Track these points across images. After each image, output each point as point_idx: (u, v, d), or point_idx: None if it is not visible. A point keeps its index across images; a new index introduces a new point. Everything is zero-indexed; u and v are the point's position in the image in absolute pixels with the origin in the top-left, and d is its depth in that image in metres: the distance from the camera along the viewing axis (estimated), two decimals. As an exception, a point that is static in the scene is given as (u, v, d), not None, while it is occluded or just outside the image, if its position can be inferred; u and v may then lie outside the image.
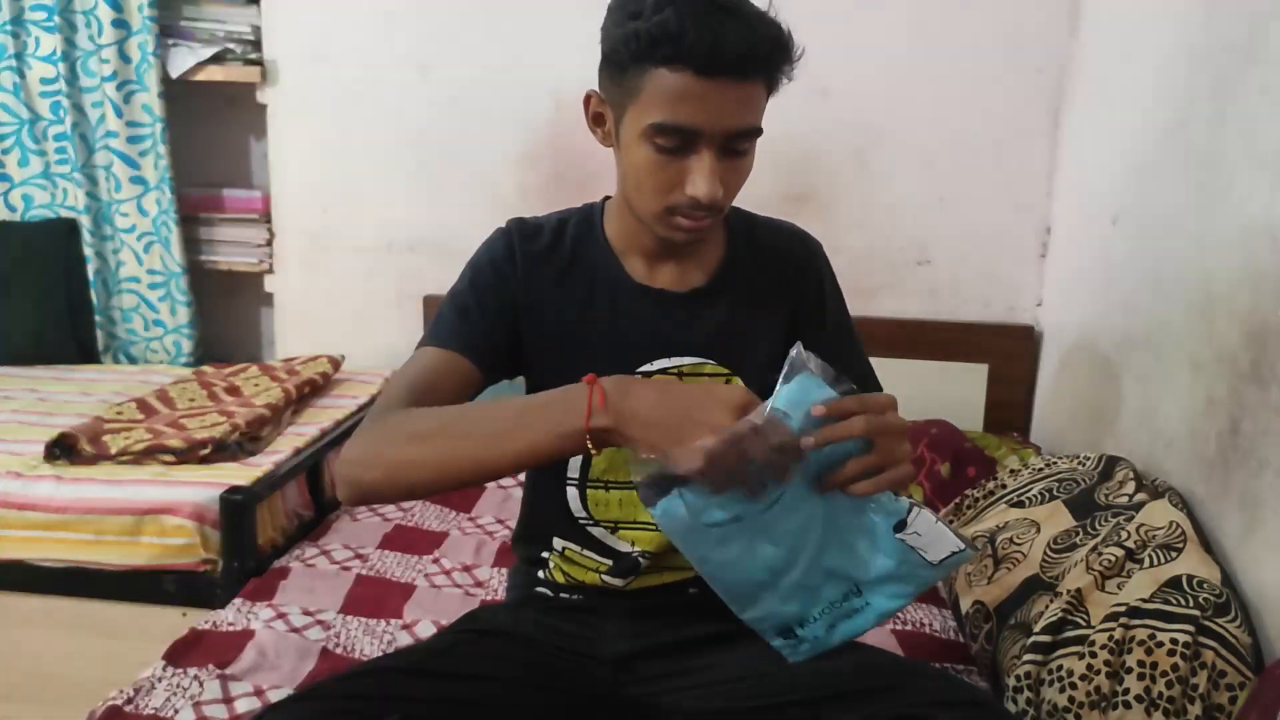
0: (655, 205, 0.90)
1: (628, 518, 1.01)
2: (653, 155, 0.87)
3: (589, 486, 1.01)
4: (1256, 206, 1.17)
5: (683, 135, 0.85)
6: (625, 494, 1.01)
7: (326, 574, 1.48)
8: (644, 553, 1.01)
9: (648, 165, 0.88)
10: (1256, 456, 1.11)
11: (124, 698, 1.12)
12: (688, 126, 0.84)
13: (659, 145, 0.86)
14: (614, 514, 1.01)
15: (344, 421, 1.92)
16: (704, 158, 0.86)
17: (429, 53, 2.21)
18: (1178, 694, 0.96)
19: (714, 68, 0.82)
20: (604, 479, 1.01)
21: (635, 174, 0.90)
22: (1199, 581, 1.05)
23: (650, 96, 0.84)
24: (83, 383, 2.14)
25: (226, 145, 2.39)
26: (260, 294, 2.40)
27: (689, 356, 0.99)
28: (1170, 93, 1.48)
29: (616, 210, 1.01)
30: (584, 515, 1.02)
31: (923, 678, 0.90)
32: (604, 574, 1.02)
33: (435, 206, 2.27)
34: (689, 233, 0.92)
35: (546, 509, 1.04)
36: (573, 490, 1.01)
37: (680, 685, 0.98)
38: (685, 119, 0.84)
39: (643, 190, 0.90)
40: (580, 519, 1.02)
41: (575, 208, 1.05)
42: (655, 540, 1.00)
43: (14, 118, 2.25)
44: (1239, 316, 1.18)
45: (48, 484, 1.58)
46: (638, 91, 0.85)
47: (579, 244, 1.01)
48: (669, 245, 0.97)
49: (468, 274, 1.00)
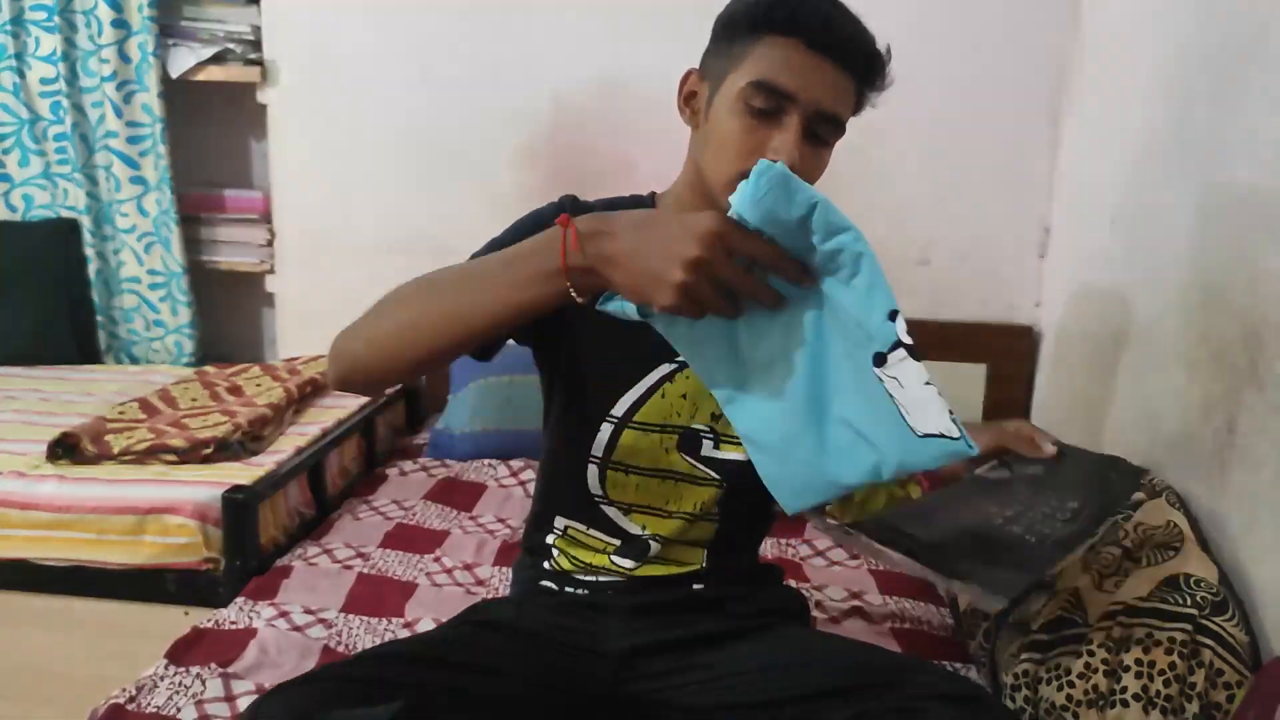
0: (732, 169, 0.90)
1: (642, 502, 1.02)
2: (743, 118, 0.89)
3: (610, 467, 1.02)
4: (1255, 206, 1.17)
5: (777, 98, 0.88)
6: (643, 479, 1.02)
7: (328, 573, 1.49)
8: (655, 535, 1.02)
9: (736, 129, 0.90)
10: (1254, 456, 1.11)
11: (126, 696, 1.12)
12: (784, 88, 0.88)
13: (752, 107, 0.89)
14: (630, 497, 1.02)
15: (345, 421, 1.92)
16: (790, 127, 0.89)
17: (429, 52, 2.21)
18: (1175, 692, 0.96)
19: (822, 42, 0.88)
20: (625, 462, 1.01)
21: (720, 138, 0.91)
22: (1196, 580, 1.06)
23: (756, 59, 0.89)
24: (85, 383, 2.15)
25: (227, 145, 2.39)
26: (261, 294, 2.41)
27: None
28: (1170, 93, 1.49)
29: (674, 198, 1.02)
30: (599, 493, 1.03)
31: (920, 673, 0.91)
32: (612, 554, 1.03)
33: (436, 206, 2.27)
34: None
35: (562, 486, 1.05)
36: (594, 468, 1.02)
37: (682, 681, 0.99)
38: (784, 81, 0.88)
39: (724, 154, 0.91)
40: (595, 496, 1.03)
41: (623, 196, 1.06)
42: (669, 526, 1.01)
43: (14, 118, 2.25)
44: (1237, 316, 1.18)
45: (50, 484, 1.58)
46: (744, 56, 0.89)
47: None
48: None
49: (510, 229, 0.99)
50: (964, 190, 2.13)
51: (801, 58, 0.88)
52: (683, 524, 1.02)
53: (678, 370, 1.00)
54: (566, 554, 1.06)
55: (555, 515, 1.06)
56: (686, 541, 1.04)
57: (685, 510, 1.02)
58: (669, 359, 0.99)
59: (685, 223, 0.72)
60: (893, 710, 0.83)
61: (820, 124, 0.90)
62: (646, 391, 1.00)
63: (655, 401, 1.00)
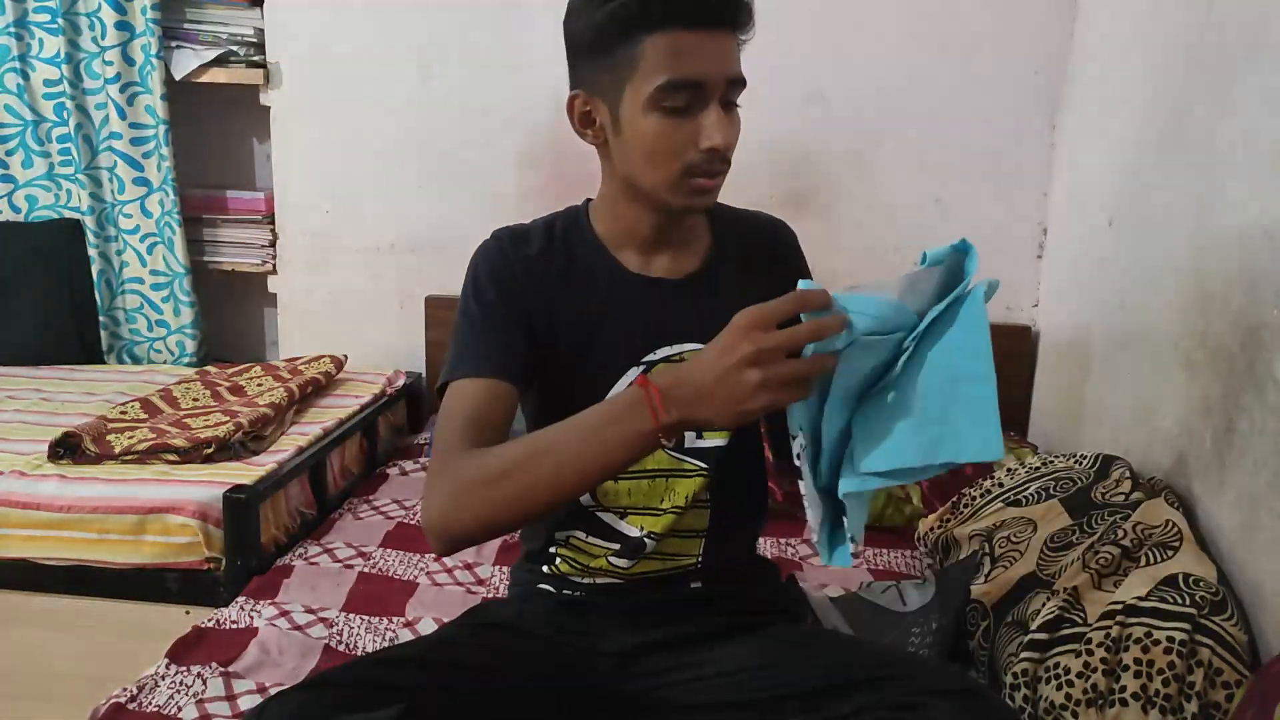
0: (672, 171, 0.91)
1: (636, 504, 1.02)
2: (662, 120, 0.89)
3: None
4: (1253, 207, 1.17)
5: (690, 90, 0.88)
6: (634, 483, 1.02)
7: (329, 572, 1.49)
8: (650, 533, 1.02)
9: (659, 132, 0.90)
10: (1253, 455, 1.12)
11: (127, 695, 1.12)
12: (694, 79, 0.88)
13: (667, 108, 0.89)
14: (623, 501, 1.03)
15: (346, 421, 1.93)
16: (712, 110, 0.89)
17: (431, 54, 2.22)
18: (1174, 692, 0.96)
19: (701, 18, 0.87)
20: None
21: (646, 146, 0.91)
22: (1195, 580, 1.06)
23: (650, 63, 0.88)
24: (87, 383, 2.15)
25: (230, 147, 2.40)
26: (263, 294, 2.41)
27: (690, 343, 1.00)
28: (1167, 93, 1.49)
29: (607, 207, 1.02)
30: (591, 503, 1.03)
31: (919, 667, 0.91)
32: (610, 557, 1.03)
33: (437, 207, 2.28)
34: (707, 193, 0.94)
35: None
36: None
37: (681, 679, 0.99)
38: (691, 72, 0.87)
39: (657, 159, 0.91)
40: (588, 506, 1.03)
41: (557, 211, 1.07)
42: (661, 522, 1.02)
43: (18, 119, 2.26)
44: (1236, 316, 1.18)
45: (52, 483, 1.59)
46: (635, 64, 0.88)
47: (571, 243, 1.02)
48: (664, 234, 1.00)
49: (470, 294, 0.99)
50: (961, 191, 2.13)
51: (691, 42, 0.87)
52: (675, 517, 1.02)
53: (646, 371, 1.00)
54: (567, 560, 1.06)
55: (555, 528, 1.06)
56: (682, 532, 1.04)
57: (677, 504, 1.02)
58: (635, 362, 1.00)
59: (723, 338, 0.75)
60: (891, 706, 0.83)
61: (730, 90, 0.91)
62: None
63: None
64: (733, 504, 1.06)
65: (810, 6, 2.07)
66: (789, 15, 2.15)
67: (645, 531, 1.02)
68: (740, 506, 1.08)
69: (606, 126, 0.94)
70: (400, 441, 2.16)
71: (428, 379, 2.28)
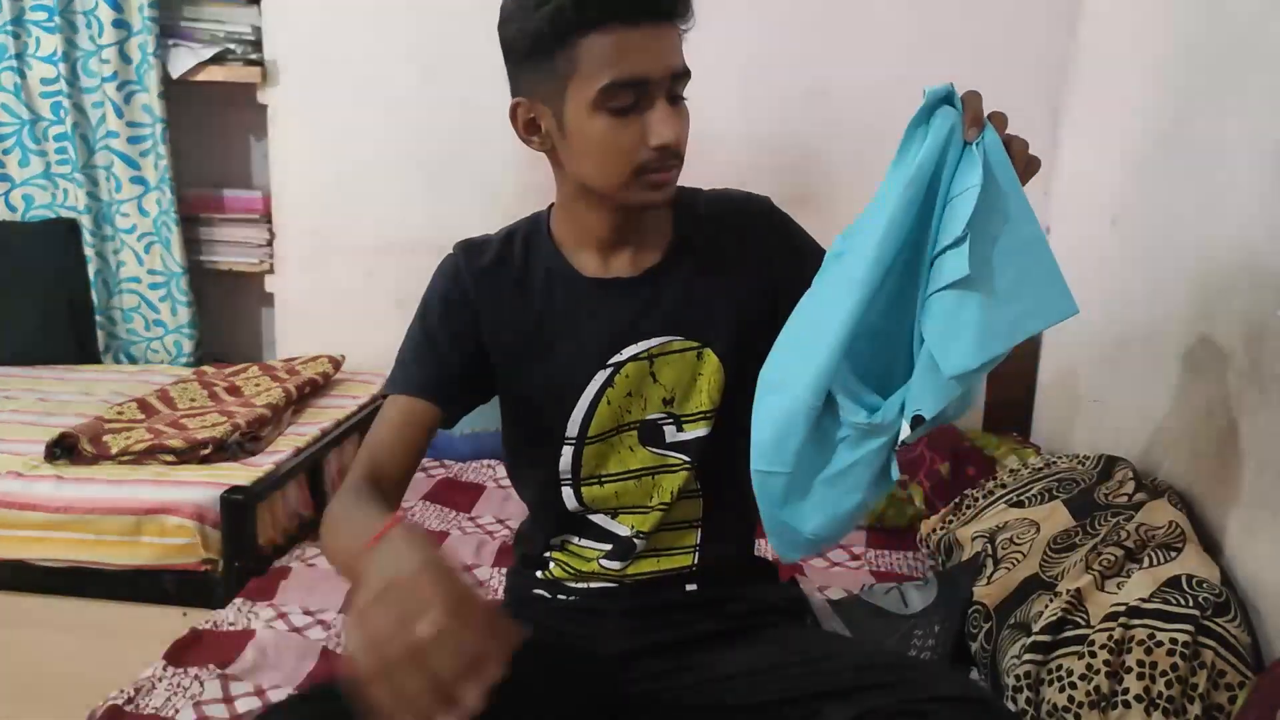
0: (624, 171, 0.90)
1: (626, 504, 1.02)
2: (609, 121, 0.88)
3: (583, 484, 1.01)
4: (1255, 206, 1.17)
5: (635, 88, 0.87)
6: (621, 485, 1.01)
7: (327, 574, 1.48)
8: (639, 532, 1.01)
9: (607, 133, 0.88)
10: (1256, 457, 1.11)
11: (124, 697, 1.12)
12: (638, 77, 0.86)
13: (613, 108, 0.87)
14: (612, 503, 1.02)
15: (344, 421, 1.92)
16: (659, 106, 0.88)
17: (430, 53, 2.21)
18: (1177, 694, 0.96)
19: (639, 13, 0.85)
20: (598, 474, 1.01)
21: (595, 148, 0.90)
22: (1198, 581, 1.05)
23: (591, 65, 0.86)
24: (83, 383, 2.14)
25: (227, 146, 2.39)
26: (261, 294, 2.40)
27: (655, 338, 0.99)
28: (1169, 93, 1.48)
29: (564, 211, 1.01)
30: (579, 508, 1.02)
31: (922, 673, 0.90)
32: (601, 559, 1.03)
33: (436, 206, 2.27)
34: (663, 188, 0.92)
35: (546, 507, 1.05)
36: (567, 489, 1.02)
37: (680, 683, 0.98)
38: (634, 70, 0.86)
39: (608, 160, 0.90)
40: (579, 511, 1.03)
41: (523, 219, 1.06)
42: (650, 520, 1.01)
43: (14, 118, 2.25)
44: (1238, 317, 1.18)
45: (48, 484, 1.58)
46: (575, 66, 0.87)
47: (530, 251, 1.01)
48: (622, 233, 0.98)
49: (421, 312, 1.02)
50: (964, 191, 2.12)
51: (630, 39, 0.85)
52: (663, 513, 1.02)
53: (615, 373, 0.99)
54: (561, 564, 1.05)
55: (548, 534, 1.06)
56: (675, 525, 1.03)
57: (664, 500, 1.02)
58: (602, 365, 0.99)
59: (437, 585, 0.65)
60: (894, 712, 0.83)
61: (675, 83, 0.89)
62: (591, 403, 0.99)
63: (603, 410, 0.99)
64: (722, 492, 1.05)
65: (812, 5, 2.07)
66: (788, 14, 2.15)
67: (634, 530, 1.02)
68: (731, 493, 1.06)
69: (553, 132, 0.93)
70: (399, 442, 2.15)
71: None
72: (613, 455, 1.00)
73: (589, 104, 0.87)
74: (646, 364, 0.99)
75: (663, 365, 0.99)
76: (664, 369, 0.99)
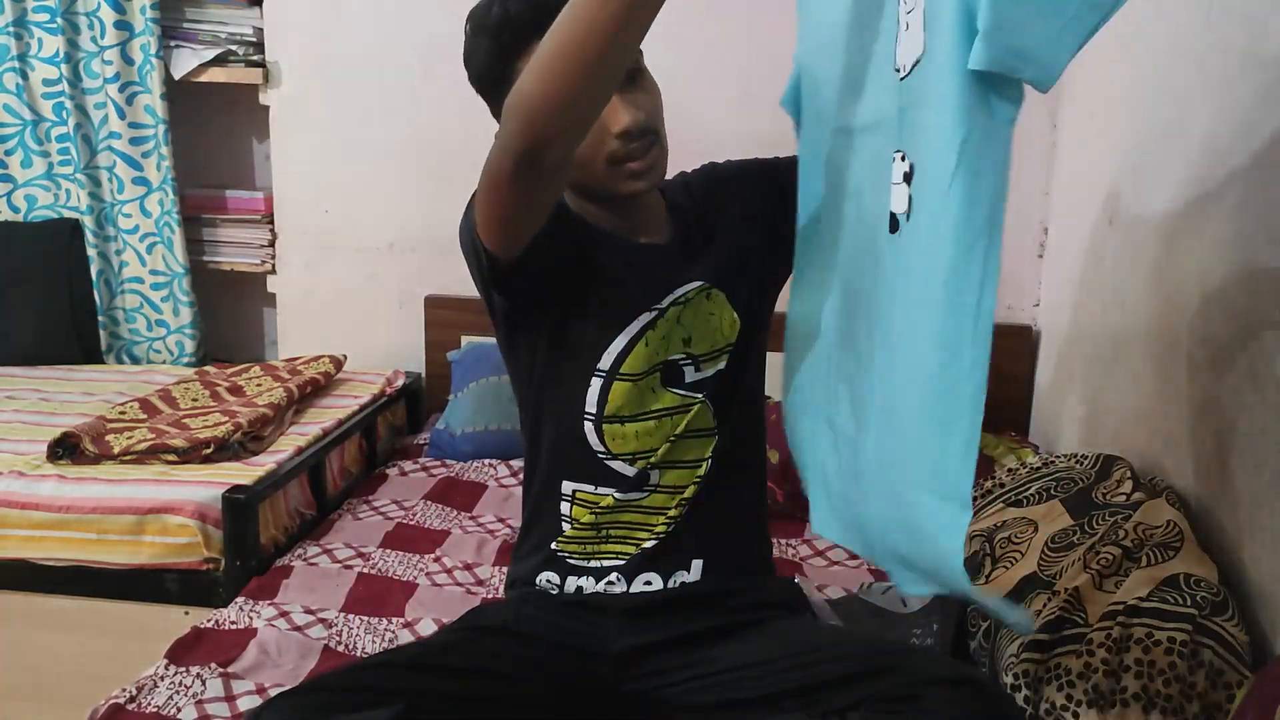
0: (599, 165, 0.95)
1: (645, 447, 1.03)
2: None
3: (605, 422, 1.03)
4: (1254, 206, 1.17)
5: None
6: (642, 425, 1.03)
7: (328, 573, 1.49)
8: (651, 464, 1.03)
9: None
10: (1254, 455, 1.11)
11: (126, 696, 1.12)
12: None
13: None
14: (632, 446, 1.03)
15: (345, 421, 1.92)
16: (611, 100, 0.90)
17: (430, 54, 2.21)
18: (1176, 692, 0.96)
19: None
20: (620, 414, 1.03)
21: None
22: (1196, 580, 1.05)
23: None
24: (86, 383, 2.15)
25: (229, 146, 2.39)
26: (263, 294, 2.41)
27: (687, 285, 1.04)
28: (1168, 92, 1.49)
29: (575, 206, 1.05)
30: (602, 450, 1.04)
31: (916, 658, 0.92)
32: (616, 493, 1.04)
33: (437, 207, 2.27)
34: (643, 173, 0.97)
35: (563, 448, 1.06)
36: (589, 425, 1.03)
37: (682, 679, 0.99)
38: None
39: (582, 160, 0.93)
40: (598, 453, 1.04)
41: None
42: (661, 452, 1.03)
43: (17, 119, 2.26)
44: (1237, 315, 1.18)
45: (51, 483, 1.58)
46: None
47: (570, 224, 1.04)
48: (628, 217, 1.04)
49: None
50: (964, 191, 2.13)
51: None
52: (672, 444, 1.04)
53: (659, 316, 1.02)
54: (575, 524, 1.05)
55: (561, 481, 1.06)
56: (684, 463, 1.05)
57: (677, 433, 1.04)
58: (648, 307, 1.02)
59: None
60: (890, 696, 0.84)
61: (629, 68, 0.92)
62: (630, 341, 1.02)
63: (639, 350, 1.02)
64: (733, 430, 1.07)
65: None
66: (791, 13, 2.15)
67: (650, 463, 1.04)
68: (741, 430, 1.09)
69: None
70: (400, 442, 2.16)
71: (427, 379, 2.28)
72: (638, 396, 1.03)
73: None
74: (681, 309, 1.04)
75: (685, 309, 1.04)
76: (685, 312, 1.04)
